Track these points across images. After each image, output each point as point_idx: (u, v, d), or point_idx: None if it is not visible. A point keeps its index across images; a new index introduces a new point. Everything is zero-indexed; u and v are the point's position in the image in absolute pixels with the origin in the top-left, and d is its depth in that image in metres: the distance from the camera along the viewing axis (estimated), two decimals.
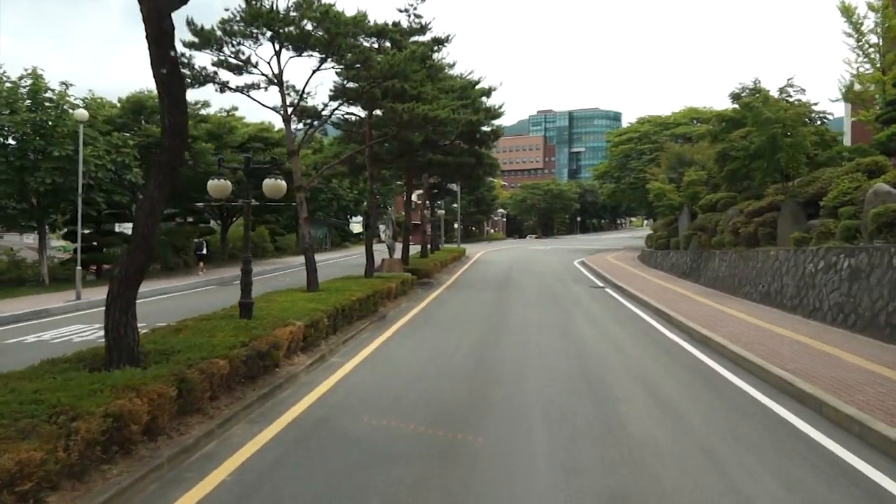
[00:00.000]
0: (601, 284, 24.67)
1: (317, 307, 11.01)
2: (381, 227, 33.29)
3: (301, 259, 37.80)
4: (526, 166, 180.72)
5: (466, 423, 6.85)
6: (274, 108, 15.33)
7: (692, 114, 48.02)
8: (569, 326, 13.89)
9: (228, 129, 27.74)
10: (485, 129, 22.88)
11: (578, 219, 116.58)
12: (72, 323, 14.90)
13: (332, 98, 18.18)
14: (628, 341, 12.23)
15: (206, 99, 31.59)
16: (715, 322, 13.87)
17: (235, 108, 28.57)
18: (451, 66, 22.33)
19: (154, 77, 6.76)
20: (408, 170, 23.63)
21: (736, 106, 26.95)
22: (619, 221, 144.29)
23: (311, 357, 9.73)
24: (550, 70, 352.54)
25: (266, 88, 15.88)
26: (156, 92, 6.69)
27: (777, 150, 20.08)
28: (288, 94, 15.31)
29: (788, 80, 25.29)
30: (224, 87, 15.63)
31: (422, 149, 21.58)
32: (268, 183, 10.56)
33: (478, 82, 21.82)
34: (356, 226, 66.36)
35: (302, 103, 15.69)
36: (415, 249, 35.68)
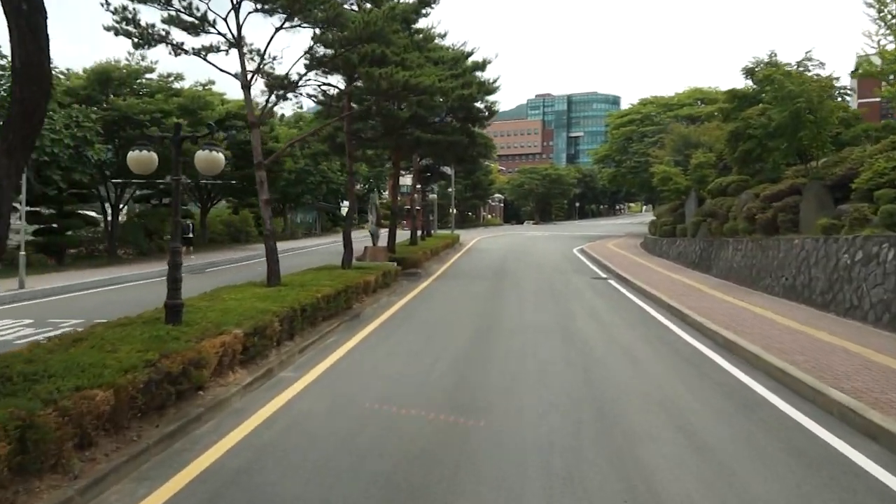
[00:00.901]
0: (604, 275, 22.79)
1: (269, 308, 9.10)
2: (370, 218, 31.60)
3: (285, 245, 35.80)
4: (524, 151, 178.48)
5: (434, 482, 4.98)
6: (235, 75, 13.32)
7: (697, 94, 45.95)
8: (571, 329, 12.01)
9: (203, 104, 25.65)
10: (478, 105, 20.89)
11: (577, 204, 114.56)
12: (0, 317, 12.99)
13: (308, 68, 16.18)
14: (642, 349, 10.35)
15: (179, 71, 29.28)
16: (739, 323, 12.00)
17: (212, 82, 26.47)
18: (443, 36, 20.33)
19: None
20: (395, 149, 21.67)
21: (749, 82, 24.97)
22: (617, 207, 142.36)
23: (253, 373, 7.84)
24: (549, 54, 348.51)
25: (227, 52, 13.84)
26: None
27: (800, 128, 18.13)
28: (251, 58, 13.32)
29: (807, 52, 23.33)
30: (178, 49, 13.60)
31: (409, 126, 19.59)
32: (200, 156, 8.50)
33: (471, 53, 19.84)
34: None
35: (267, 69, 13.68)
36: (405, 236, 33.79)
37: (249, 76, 12.73)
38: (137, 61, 24.32)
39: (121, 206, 26.01)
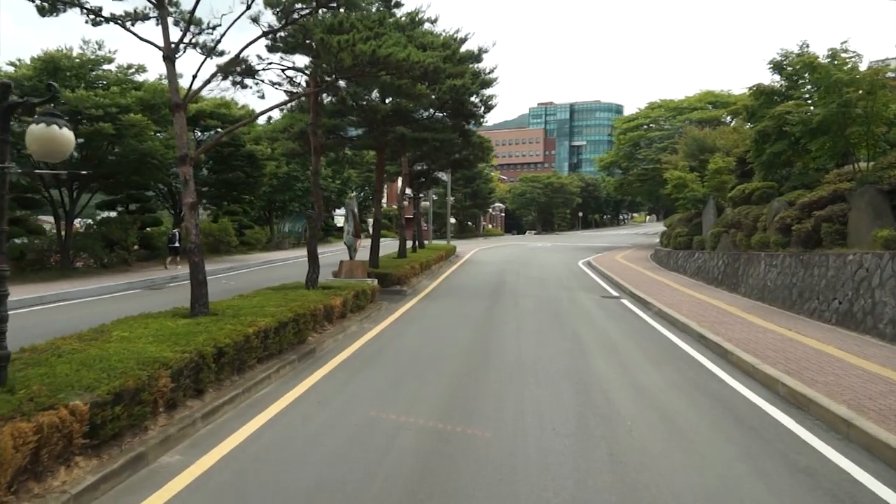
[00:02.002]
0: (615, 293, 20.08)
1: (160, 355, 6.40)
2: (345, 228, 28.49)
3: (267, 256, 33.15)
4: (525, 160, 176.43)
5: None
6: (160, 47, 10.64)
7: (708, 98, 43.33)
8: (582, 371, 9.29)
9: (167, 99, 23.05)
10: (473, 99, 18.23)
11: (580, 214, 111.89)
12: None
13: (270, 49, 13.56)
14: (684, 408, 7.62)
15: (142, 62, 26.57)
16: (800, 363, 9.29)
17: (180, 76, 23.89)
18: (433, 21, 17.69)
19: None
20: (378, 149, 19.03)
21: (776, 77, 22.29)
22: (621, 217, 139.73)
23: (109, 462, 5.14)
24: (551, 62, 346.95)
25: (158, 21, 11.20)
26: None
27: (849, 123, 15.48)
28: (176, 21, 10.68)
29: (842, 43, 20.64)
30: (96, 16, 10.96)
31: (392, 121, 16.97)
32: (34, 131, 5.60)
33: (464, 40, 17.16)
34: (340, 219, 61.64)
35: (200, 39, 11.00)
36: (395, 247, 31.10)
37: (174, 45, 10.05)
38: (93, 50, 21.75)
39: (76, 212, 23.31)
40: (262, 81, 13.81)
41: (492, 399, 7.71)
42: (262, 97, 31.50)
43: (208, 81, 10.09)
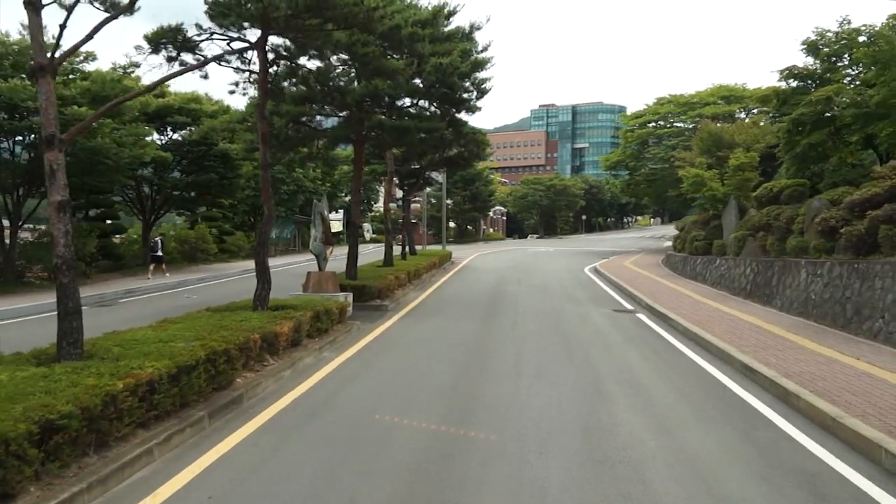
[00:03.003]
0: (629, 306, 17.50)
1: None
2: (313, 233, 25.05)
3: (248, 264, 30.47)
4: (527, 163, 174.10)
5: None
6: None
7: (721, 92, 40.73)
8: (610, 437, 6.66)
9: (121, 90, 20.48)
10: (464, 84, 15.64)
11: (583, 217, 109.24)
12: None
13: (211, 16, 11.00)
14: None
15: (91, 50, 23.68)
16: None
17: (136, 65, 21.36)
18: None
19: None
20: (355, 142, 16.46)
21: (810, 60, 19.71)
22: (625, 220, 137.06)
23: None
24: (552, 64, 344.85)
25: None
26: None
27: None
28: None
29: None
30: None
31: (367, 106, 14.40)
32: None
33: (453, 13, 14.60)
34: (334, 223, 58.94)
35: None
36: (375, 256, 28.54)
37: None
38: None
39: (22, 218, 20.77)
40: (205, 58, 11.25)
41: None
42: (206, 77, 28.62)
43: (92, 35, 7.48)
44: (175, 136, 26.73)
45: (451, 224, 77.36)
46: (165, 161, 24.79)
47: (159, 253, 26.01)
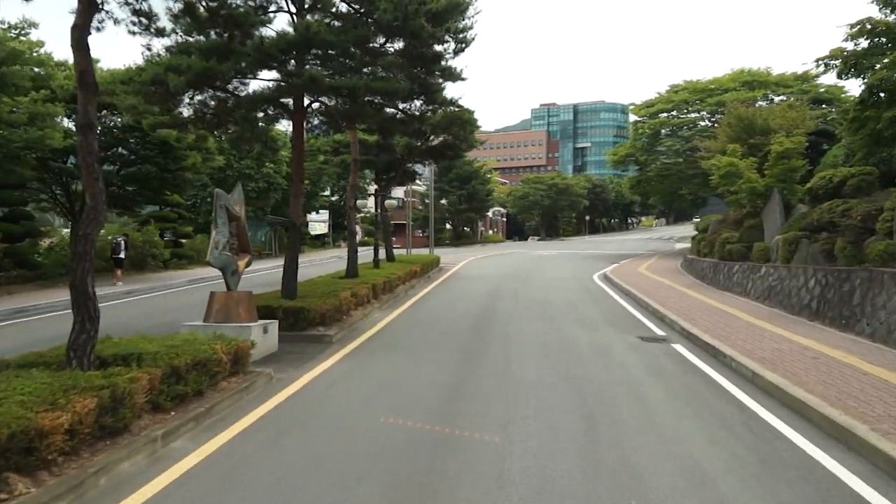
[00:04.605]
0: (658, 330, 13.25)
1: None
2: (214, 238, 19.91)
3: (206, 272, 26.24)
4: (528, 163, 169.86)
5: None
6: None
7: (742, 77, 36.42)
8: None
9: (8, 55, 16.09)
10: (437, 32, 11.32)
11: (587, 218, 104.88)
12: None
13: None
14: None
15: None
16: None
17: (33, 25, 17.07)
18: None
19: None
20: (293, 114, 12.16)
21: (884, 13, 15.38)
22: (629, 221, 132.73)
23: None
24: (553, 63, 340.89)
25: None
26: None
27: None
28: None
29: None
30: None
31: (299, 57, 10.19)
32: None
33: None
34: (318, 225, 54.36)
35: None
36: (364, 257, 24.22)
37: None
38: None
39: None
40: None
41: None
42: (151, 50, 24.23)
43: None
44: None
45: (447, 226, 73.10)
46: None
47: (121, 255, 23.28)
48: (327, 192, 47.61)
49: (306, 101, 12.82)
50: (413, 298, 18.35)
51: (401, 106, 13.76)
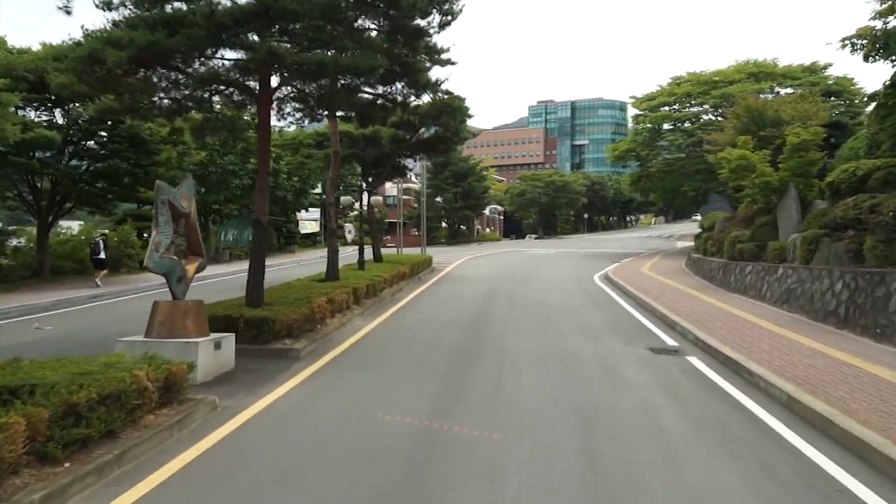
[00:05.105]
0: (670, 340, 11.86)
1: None
2: (156, 238, 18.20)
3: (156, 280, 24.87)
4: (525, 160, 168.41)
5: None
6: None
7: (748, 68, 34.98)
8: None
9: None
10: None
11: (585, 216, 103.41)
12: None
13: None
14: None
15: None
16: None
17: None
18: None
19: None
20: (258, 97, 10.73)
21: None
22: (628, 219, 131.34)
23: None
24: (550, 60, 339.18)
25: None
26: None
27: None
28: None
29: None
30: None
31: (258, 22, 8.76)
32: None
33: None
34: (309, 223, 52.75)
35: None
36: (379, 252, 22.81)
37: None
38: None
39: None
40: None
41: None
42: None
43: None
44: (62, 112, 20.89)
45: (443, 224, 71.64)
46: (51, 143, 19.03)
47: (101, 256, 22.01)
48: (318, 190, 45.97)
49: (274, 84, 11.37)
50: (400, 303, 16.89)
51: (381, 89, 12.32)
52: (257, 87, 11.20)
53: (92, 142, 21.87)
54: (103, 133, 21.61)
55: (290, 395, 7.91)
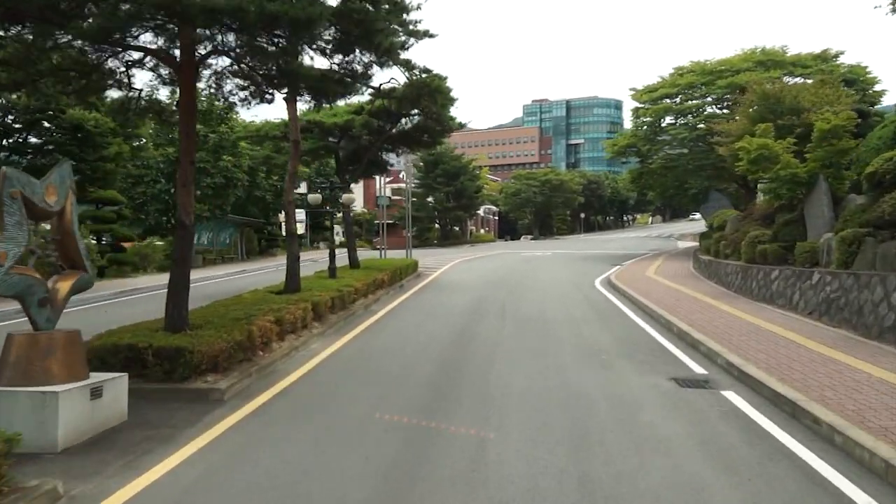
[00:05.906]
0: (697, 368, 9.55)
1: None
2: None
3: (148, 280, 22.48)
4: (520, 160, 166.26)
5: None
6: None
7: (755, 57, 32.73)
8: None
9: None
10: None
11: (582, 216, 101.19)
12: None
13: None
14: None
15: None
16: None
17: None
18: None
19: None
20: (180, 65, 8.45)
21: None
22: (625, 218, 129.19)
23: None
24: (544, 58, 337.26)
25: None
26: None
27: None
28: None
29: None
30: None
31: None
32: None
33: None
34: (299, 226, 50.33)
35: None
36: (362, 255, 20.50)
37: None
38: None
39: None
40: None
41: None
42: None
43: None
44: None
45: (435, 224, 69.29)
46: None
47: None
48: (304, 190, 43.62)
49: (202, 52, 9.07)
50: (372, 318, 14.54)
51: (337, 59, 10.05)
52: (179, 56, 8.89)
53: (30, 136, 19.40)
54: (47, 124, 19.19)
55: (183, 471, 5.57)
